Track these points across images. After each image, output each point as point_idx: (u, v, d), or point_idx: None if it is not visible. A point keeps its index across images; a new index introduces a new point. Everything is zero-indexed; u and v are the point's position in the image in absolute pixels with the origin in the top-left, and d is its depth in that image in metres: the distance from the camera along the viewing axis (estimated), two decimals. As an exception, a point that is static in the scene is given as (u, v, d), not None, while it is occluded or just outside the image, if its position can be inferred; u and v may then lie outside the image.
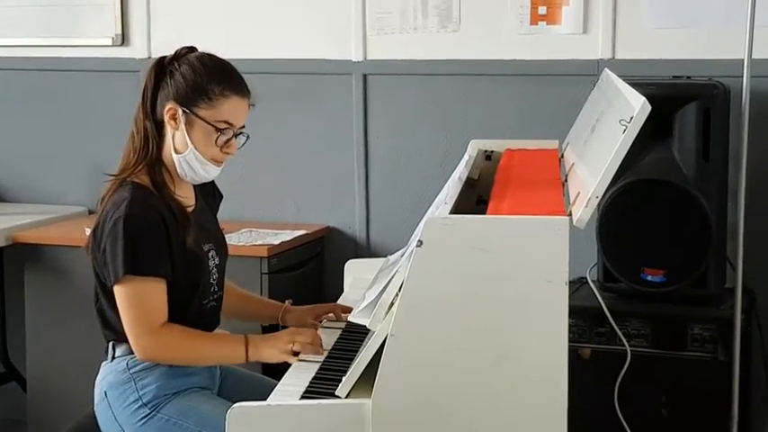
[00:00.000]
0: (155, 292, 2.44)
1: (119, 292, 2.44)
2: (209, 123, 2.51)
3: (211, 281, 2.59)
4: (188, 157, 2.52)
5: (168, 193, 2.52)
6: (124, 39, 4.17)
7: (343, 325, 2.70)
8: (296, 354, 2.46)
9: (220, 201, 2.80)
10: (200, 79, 2.50)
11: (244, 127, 2.57)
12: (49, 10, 4.26)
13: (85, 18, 4.21)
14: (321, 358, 2.47)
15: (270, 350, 2.49)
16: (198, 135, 2.51)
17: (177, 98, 2.50)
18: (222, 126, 2.52)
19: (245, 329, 2.62)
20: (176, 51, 2.57)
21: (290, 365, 2.44)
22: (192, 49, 2.58)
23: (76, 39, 4.24)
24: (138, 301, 2.43)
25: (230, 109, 2.52)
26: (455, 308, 2.08)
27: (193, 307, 2.53)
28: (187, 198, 2.59)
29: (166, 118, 2.51)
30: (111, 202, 2.48)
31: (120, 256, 2.40)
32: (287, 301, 2.83)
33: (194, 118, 2.50)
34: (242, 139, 2.58)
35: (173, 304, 2.47)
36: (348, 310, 2.71)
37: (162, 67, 2.54)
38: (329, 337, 2.59)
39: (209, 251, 2.59)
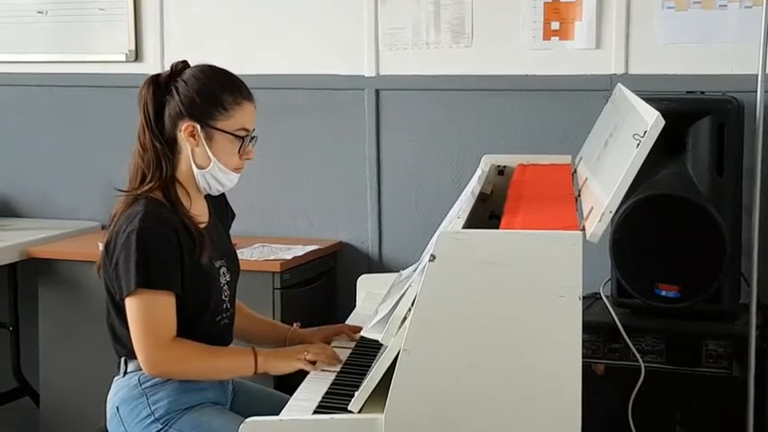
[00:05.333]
0: (165, 306, 2.43)
1: (130, 305, 2.44)
2: (230, 133, 2.52)
3: (223, 297, 2.59)
4: (212, 170, 2.54)
5: (183, 210, 2.52)
6: (138, 55, 4.19)
7: (354, 343, 2.70)
8: (311, 364, 2.49)
9: (233, 220, 2.80)
10: (211, 92, 2.51)
11: (254, 130, 2.58)
12: (63, 26, 4.29)
13: (99, 34, 4.23)
14: (336, 368, 2.48)
15: (279, 362, 2.52)
16: (219, 147, 2.52)
17: (192, 114, 2.50)
18: (242, 134, 2.54)
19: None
20: (172, 67, 2.57)
21: (302, 379, 2.43)
22: (185, 63, 2.58)
23: (90, 55, 4.26)
24: (149, 314, 2.42)
25: (245, 115, 2.54)
26: (468, 323, 2.08)
27: (205, 324, 2.53)
28: (201, 215, 2.59)
29: (184, 136, 2.51)
30: (125, 217, 2.48)
31: (133, 270, 2.40)
32: (295, 324, 2.82)
33: (214, 131, 2.51)
34: (254, 142, 2.60)
35: (183, 320, 2.47)
36: (357, 329, 2.71)
37: (159, 85, 2.54)
38: (341, 356, 2.59)
39: (220, 267, 2.58)
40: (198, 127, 2.50)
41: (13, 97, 4.41)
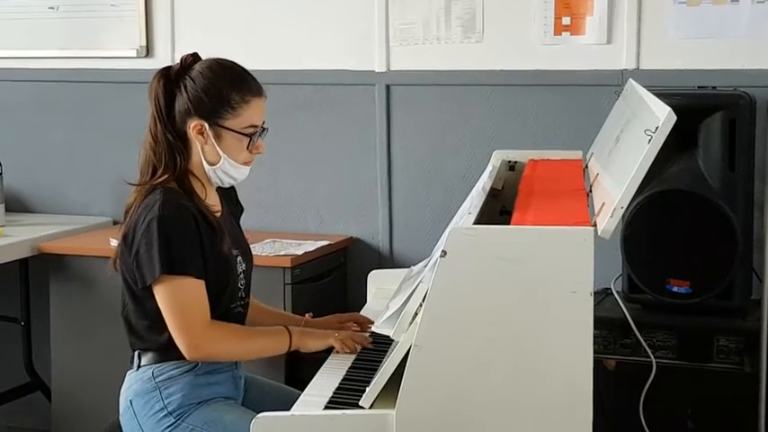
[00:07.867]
0: (194, 289, 2.44)
1: (158, 292, 2.44)
2: (238, 132, 2.52)
3: (239, 285, 2.60)
4: (223, 166, 2.54)
5: (198, 200, 2.53)
6: (148, 50, 4.20)
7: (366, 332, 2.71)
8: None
9: (241, 213, 2.81)
10: (219, 90, 2.50)
11: (264, 122, 2.58)
12: (74, 22, 4.29)
13: (110, 30, 4.24)
14: (352, 358, 2.52)
15: (312, 339, 2.56)
16: (228, 145, 2.53)
17: (200, 113, 2.50)
18: (250, 131, 2.54)
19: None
20: (182, 60, 2.56)
21: (313, 374, 2.44)
22: (195, 56, 2.57)
23: (101, 50, 4.26)
24: (179, 299, 2.43)
25: (253, 112, 2.54)
26: (479, 318, 2.08)
27: (220, 311, 2.53)
28: (215, 205, 2.61)
29: (193, 133, 2.51)
30: (143, 206, 2.48)
31: (157, 257, 2.40)
32: (307, 314, 2.83)
33: (222, 130, 2.51)
34: (264, 135, 2.59)
35: None
36: (368, 320, 2.73)
37: (169, 79, 2.53)
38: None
39: (237, 256, 2.60)
40: (206, 125, 2.51)
41: (23, 93, 4.41)
